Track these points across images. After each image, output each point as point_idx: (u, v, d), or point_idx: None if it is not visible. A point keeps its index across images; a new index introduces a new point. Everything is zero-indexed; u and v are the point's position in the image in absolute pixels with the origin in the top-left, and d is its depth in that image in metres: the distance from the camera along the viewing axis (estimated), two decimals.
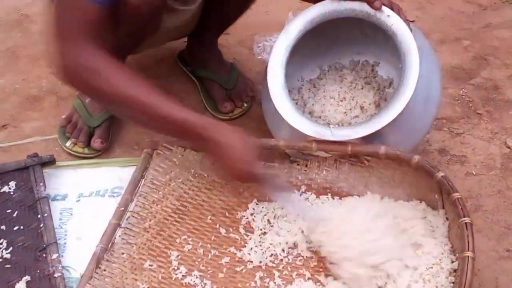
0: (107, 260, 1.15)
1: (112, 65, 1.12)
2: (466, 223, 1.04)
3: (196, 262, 1.17)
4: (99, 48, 1.12)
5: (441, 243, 1.13)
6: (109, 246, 1.17)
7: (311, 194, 1.29)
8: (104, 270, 1.13)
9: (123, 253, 1.17)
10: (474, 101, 1.66)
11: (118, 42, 1.32)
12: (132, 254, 1.17)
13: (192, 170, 1.31)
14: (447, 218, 1.17)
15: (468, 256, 0.99)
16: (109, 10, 1.13)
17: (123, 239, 1.20)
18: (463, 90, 1.70)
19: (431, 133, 1.51)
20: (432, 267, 1.08)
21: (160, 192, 1.28)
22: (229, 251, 1.20)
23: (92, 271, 1.11)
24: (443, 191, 1.16)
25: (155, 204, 1.26)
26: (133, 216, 1.23)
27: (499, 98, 1.67)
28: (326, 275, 1.13)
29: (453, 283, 1.05)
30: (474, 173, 1.43)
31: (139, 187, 1.28)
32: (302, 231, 1.19)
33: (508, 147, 1.50)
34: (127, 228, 1.21)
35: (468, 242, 1.02)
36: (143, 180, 1.29)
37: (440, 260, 1.09)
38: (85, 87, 1.17)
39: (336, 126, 1.33)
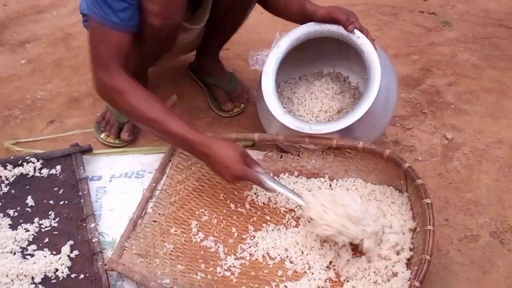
0: (141, 225, 1.16)
1: (134, 89, 1.13)
2: (427, 203, 1.05)
3: (211, 230, 1.19)
4: (124, 73, 1.13)
5: (403, 216, 1.15)
6: (143, 214, 1.19)
7: (302, 177, 1.30)
8: (139, 233, 1.15)
9: (154, 221, 1.19)
10: (421, 103, 1.65)
11: (141, 58, 1.32)
12: (161, 221, 1.19)
13: None
14: (409, 199, 1.18)
15: (430, 229, 1.00)
16: (133, 35, 1.14)
17: (153, 210, 1.21)
18: (412, 94, 1.69)
19: (388, 128, 1.50)
20: (397, 234, 1.10)
21: (183, 174, 1.28)
22: (237, 222, 1.21)
23: (130, 232, 1.13)
24: (408, 178, 1.18)
25: (179, 184, 1.26)
26: (161, 193, 1.24)
27: (440, 101, 1.67)
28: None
29: (412, 244, 1.08)
30: (420, 159, 1.43)
31: (166, 170, 1.28)
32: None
33: (447, 139, 1.50)
34: (157, 202, 1.22)
35: (430, 219, 1.02)
36: (170, 164, 1.29)
37: (402, 227, 1.12)
38: (114, 104, 1.21)
39: (315, 122, 1.34)
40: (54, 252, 1.14)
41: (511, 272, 1.14)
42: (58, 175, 1.32)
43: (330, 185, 1.27)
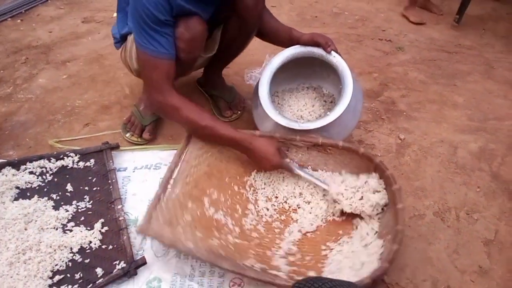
0: (164, 200, 1.12)
1: (186, 104, 1.13)
2: (397, 188, 1.06)
3: (220, 206, 1.16)
4: (176, 92, 1.14)
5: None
6: (165, 191, 1.14)
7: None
8: (162, 205, 1.10)
9: (174, 197, 1.14)
10: (380, 111, 1.65)
11: None
12: (179, 197, 1.14)
13: (217, 148, 1.27)
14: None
15: (400, 208, 1.01)
16: (173, 60, 1.14)
17: (172, 188, 1.16)
18: (373, 104, 1.69)
19: (354, 130, 1.50)
20: (373, 204, 1.10)
21: (196, 160, 1.24)
22: (240, 200, 1.20)
23: (155, 205, 1.09)
24: (378, 170, 1.16)
25: (193, 168, 1.23)
26: (178, 174, 1.20)
27: (395, 109, 1.67)
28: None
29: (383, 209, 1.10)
30: (379, 155, 1.43)
31: (183, 155, 1.23)
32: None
33: (400, 139, 1.50)
34: (175, 181, 1.18)
35: (399, 199, 1.03)
36: (186, 151, 1.25)
37: (375, 199, 1.11)
38: (171, 118, 1.19)
39: (302, 121, 1.34)
40: (88, 228, 1.13)
41: (450, 242, 1.14)
42: (92, 166, 1.31)
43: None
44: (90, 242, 1.09)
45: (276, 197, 1.19)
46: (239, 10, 1.27)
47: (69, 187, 1.24)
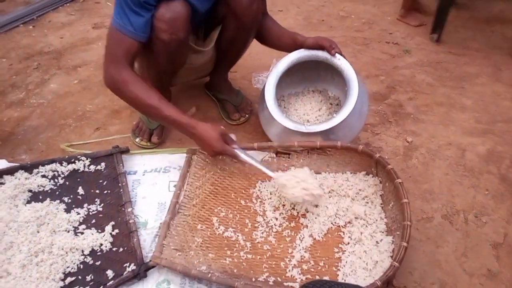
0: (173, 226, 1.14)
1: (137, 81, 1.13)
2: (400, 182, 1.06)
3: (229, 223, 1.16)
4: (131, 69, 1.14)
5: (376, 192, 1.17)
6: (173, 216, 1.16)
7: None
8: (172, 232, 1.12)
9: (183, 221, 1.15)
10: (387, 114, 1.65)
11: (159, 73, 1.32)
12: (188, 221, 1.15)
13: (219, 166, 1.29)
14: (380, 182, 1.19)
15: (405, 202, 1.01)
16: (138, 43, 1.14)
17: (180, 212, 1.18)
18: (380, 107, 1.69)
19: (361, 133, 1.50)
20: (370, 203, 1.14)
21: (200, 181, 1.26)
22: (249, 214, 1.18)
23: (165, 232, 1.11)
24: (378, 165, 1.18)
25: (197, 189, 1.24)
26: (185, 198, 1.21)
27: (402, 112, 1.67)
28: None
29: (382, 207, 1.13)
30: (387, 158, 1.43)
31: (186, 179, 1.25)
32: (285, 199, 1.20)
33: (408, 142, 1.50)
34: (182, 205, 1.20)
35: (404, 194, 1.03)
36: (188, 174, 1.27)
37: (374, 198, 1.15)
38: (120, 93, 1.16)
39: (308, 124, 1.35)
40: (99, 231, 1.14)
41: (458, 245, 1.14)
42: (102, 170, 1.33)
43: (316, 177, 1.26)
44: (101, 244, 1.10)
45: (283, 205, 1.19)
46: (234, 9, 1.28)
47: (80, 190, 1.26)
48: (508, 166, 1.39)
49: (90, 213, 1.19)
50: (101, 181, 1.29)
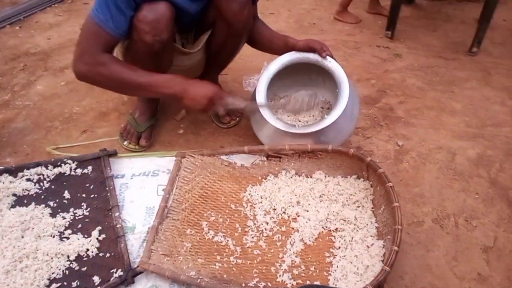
0: (162, 230, 1.12)
1: (117, 60, 1.12)
2: (390, 186, 1.06)
3: (219, 227, 1.14)
4: (106, 53, 1.11)
5: (366, 196, 1.17)
6: (162, 221, 1.14)
7: (284, 175, 1.28)
8: (161, 237, 1.10)
9: (172, 226, 1.13)
10: (378, 117, 1.66)
11: None
12: (177, 225, 1.14)
13: (208, 169, 1.28)
14: (371, 185, 1.19)
15: (396, 206, 1.01)
16: (116, 39, 1.13)
17: (168, 217, 1.16)
18: (371, 110, 1.70)
19: (352, 137, 1.50)
20: (361, 207, 1.14)
21: (190, 185, 1.24)
22: (239, 218, 1.17)
23: (153, 237, 1.09)
24: (370, 169, 1.18)
25: (187, 193, 1.22)
26: (173, 202, 1.19)
27: (393, 116, 1.67)
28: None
29: (373, 211, 1.13)
30: (378, 161, 1.42)
31: (175, 182, 1.24)
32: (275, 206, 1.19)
33: (398, 146, 1.51)
34: (171, 209, 1.17)
35: (394, 197, 1.03)
36: (177, 177, 1.25)
37: (365, 202, 1.15)
38: (100, 77, 1.12)
39: (299, 125, 1.34)
40: (85, 236, 1.12)
41: (449, 249, 1.14)
42: (89, 173, 1.30)
43: (307, 181, 1.26)
44: (87, 250, 1.08)
45: (274, 209, 1.18)
46: (224, 15, 1.26)
47: (66, 194, 1.23)
48: (497, 170, 1.40)
49: (76, 218, 1.17)
50: (87, 184, 1.27)
